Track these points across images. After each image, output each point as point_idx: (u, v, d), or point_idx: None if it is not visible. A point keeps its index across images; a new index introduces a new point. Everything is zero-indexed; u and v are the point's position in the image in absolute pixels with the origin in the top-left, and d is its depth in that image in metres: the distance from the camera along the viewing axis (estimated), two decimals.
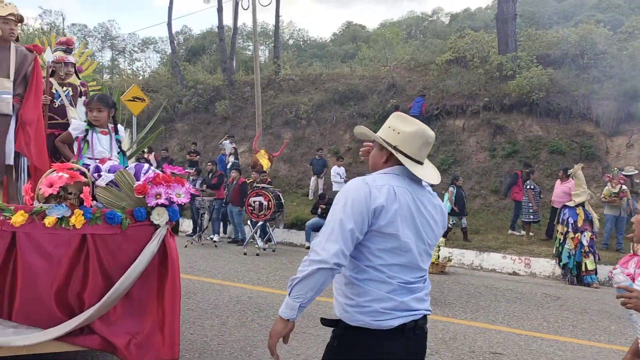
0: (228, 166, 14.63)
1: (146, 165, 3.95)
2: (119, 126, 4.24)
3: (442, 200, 11.32)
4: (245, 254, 10.08)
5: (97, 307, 3.39)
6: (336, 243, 1.90)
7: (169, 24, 22.27)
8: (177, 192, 3.67)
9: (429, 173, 2.11)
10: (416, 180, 2.07)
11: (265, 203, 10.26)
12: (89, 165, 3.80)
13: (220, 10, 21.38)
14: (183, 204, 3.78)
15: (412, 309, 2.00)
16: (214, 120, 20.13)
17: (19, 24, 3.99)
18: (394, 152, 2.04)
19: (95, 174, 3.68)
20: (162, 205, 3.62)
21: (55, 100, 4.74)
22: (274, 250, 10.70)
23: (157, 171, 3.81)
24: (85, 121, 4.08)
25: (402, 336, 1.97)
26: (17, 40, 4.02)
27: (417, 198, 2.03)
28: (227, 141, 16.40)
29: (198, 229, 11.65)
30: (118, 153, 4.12)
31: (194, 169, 12.87)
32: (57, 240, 3.38)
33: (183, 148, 19.02)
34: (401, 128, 2.07)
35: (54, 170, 3.43)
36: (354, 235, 1.92)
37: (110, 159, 3.96)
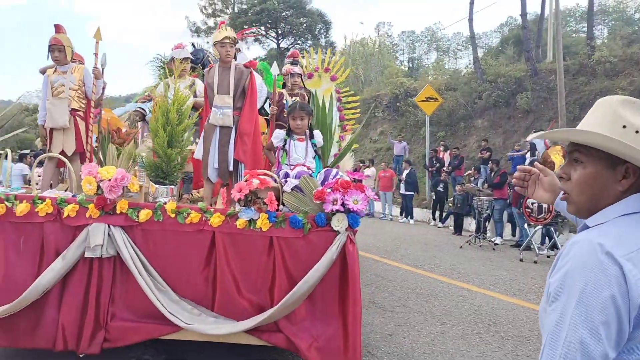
0: (526, 163, 13.63)
1: (334, 171, 3.98)
2: (315, 131, 4.38)
3: None
4: (521, 260, 9.21)
5: (278, 307, 3.56)
6: None
7: (470, 20, 21.92)
8: (355, 199, 3.59)
9: None
10: None
11: (544, 205, 9.16)
12: (280, 171, 4.04)
13: None
14: (359, 211, 3.66)
15: None
16: (514, 114, 18.99)
17: (234, 45, 4.48)
18: None
19: (284, 180, 3.89)
20: (340, 211, 3.59)
21: (285, 110, 5.19)
22: None
23: (345, 177, 3.79)
24: (285, 129, 4.35)
25: None
26: (235, 58, 4.55)
27: None
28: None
29: (478, 229, 11.17)
30: (314, 157, 4.27)
31: (473, 168, 12.37)
32: (247, 241, 3.69)
33: (481, 145, 18.52)
34: None
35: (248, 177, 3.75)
36: None
37: (303, 165, 4.13)
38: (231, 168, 4.41)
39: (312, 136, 4.33)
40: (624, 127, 1.26)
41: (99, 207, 3.59)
